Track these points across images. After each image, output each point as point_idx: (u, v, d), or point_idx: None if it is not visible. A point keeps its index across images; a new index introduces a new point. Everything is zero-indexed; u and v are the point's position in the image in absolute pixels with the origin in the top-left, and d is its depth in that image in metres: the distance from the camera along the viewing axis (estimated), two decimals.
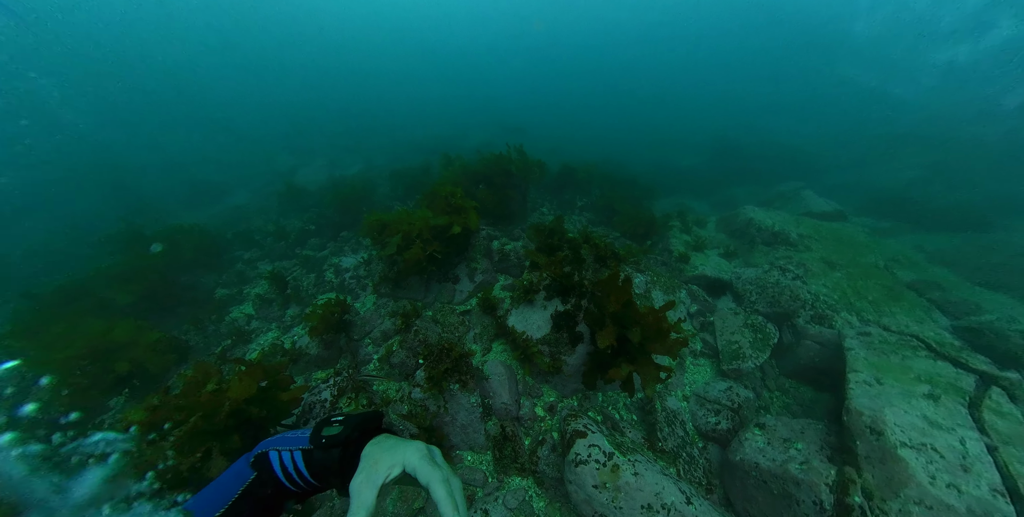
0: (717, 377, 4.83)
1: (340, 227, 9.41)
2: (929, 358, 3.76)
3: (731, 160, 16.37)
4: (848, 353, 3.96)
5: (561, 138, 20.78)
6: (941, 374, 3.56)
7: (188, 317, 6.22)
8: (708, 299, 6.29)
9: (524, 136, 18.42)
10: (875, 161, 14.80)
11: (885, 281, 5.72)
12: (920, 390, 3.35)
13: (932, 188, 11.53)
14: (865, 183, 12.81)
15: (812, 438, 3.31)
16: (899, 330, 4.25)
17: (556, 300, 4.83)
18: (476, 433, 3.68)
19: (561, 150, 17.81)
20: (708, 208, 13.47)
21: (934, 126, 16.57)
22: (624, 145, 20.93)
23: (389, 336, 5.41)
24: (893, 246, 7.44)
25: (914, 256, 7.01)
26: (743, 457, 3.33)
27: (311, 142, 18.76)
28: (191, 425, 2.57)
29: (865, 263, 6.37)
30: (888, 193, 11.30)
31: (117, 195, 13.12)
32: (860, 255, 6.69)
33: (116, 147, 18.88)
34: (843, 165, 14.98)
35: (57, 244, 9.90)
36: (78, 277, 6.30)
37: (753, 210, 8.79)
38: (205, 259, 7.86)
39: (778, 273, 5.80)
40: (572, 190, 12.03)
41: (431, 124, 23.03)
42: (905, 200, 10.36)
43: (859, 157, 15.43)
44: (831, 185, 12.84)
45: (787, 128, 21.20)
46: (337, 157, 16.37)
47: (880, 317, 4.73)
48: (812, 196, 10.15)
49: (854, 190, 12.23)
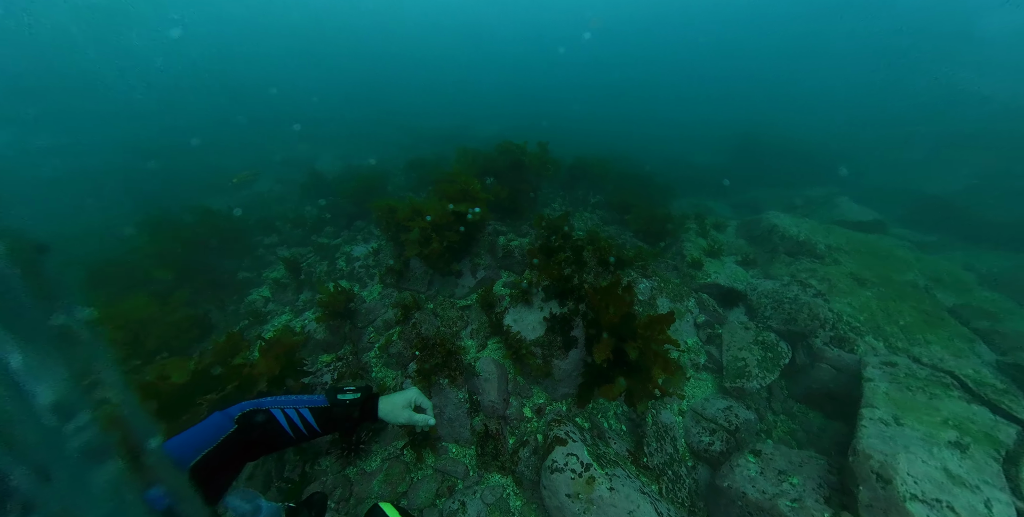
0: (718, 394, 4.62)
1: (354, 217, 9.65)
2: (963, 400, 3.34)
3: (756, 158, 15.25)
4: (866, 384, 3.62)
5: (576, 131, 20.10)
6: (975, 420, 3.15)
7: (211, 297, 6.64)
8: (719, 310, 5.98)
9: (538, 130, 17.99)
10: (924, 164, 13.32)
11: (922, 304, 5.18)
12: (946, 437, 2.98)
13: (990, 198, 10.24)
14: (910, 188, 11.56)
15: (811, 474, 3.08)
16: (931, 363, 3.84)
17: (553, 302, 4.73)
18: (462, 427, 3.74)
19: (576, 143, 17.25)
20: (728, 210, 12.71)
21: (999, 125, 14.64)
22: (642, 140, 20.02)
23: (391, 326, 5.54)
24: (937, 263, 6.71)
25: (962, 276, 6.28)
26: (731, 484, 3.17)
27: (328, 131, 19.19)
28: (226, 394, 2.79)
29: (901, 282, 5.79)
30: (937, 201, 10.16)
31: (147, 180, 14.01)
32: (896, 272, 6.09)
33: (144, 133, 20.00)
34: (885, 166, 13.60)
35: (102, 222, 10.72)
36: (119, 255, 6.82)
37: (777, 216, 8.19)
38: (229, 243, 8.30)
39: (798, 288, 5.40)
40: (585, 186, 11.67)
41: (446, 114, 22.86)
42: (957, 210, 9.30)
43: (905, 158, 13.92)
44: (869, 188, 11.71)
45: (821, 124, 19.43)
46: (353, 146, 16.69)
47: (911, 346, 4.30)
48: (847, 202, 9.31)
49: (896, 196, 11.08)
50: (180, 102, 27.88)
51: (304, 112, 23.87)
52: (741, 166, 15.08)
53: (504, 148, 8.63)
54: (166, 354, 5.22)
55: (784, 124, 17.92)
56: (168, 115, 24.14)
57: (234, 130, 20.88)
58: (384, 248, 7.64)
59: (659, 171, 13.40)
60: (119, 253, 6.98)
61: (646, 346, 3.24)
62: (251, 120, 22.38)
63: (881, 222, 8.48)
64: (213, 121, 23.25)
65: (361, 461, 3.48)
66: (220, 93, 30.85)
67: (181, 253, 7.00)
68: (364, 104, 24.91)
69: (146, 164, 14.87)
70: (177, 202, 12.34)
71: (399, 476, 3.31)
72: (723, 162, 16.39)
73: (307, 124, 20.02)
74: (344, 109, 23.89)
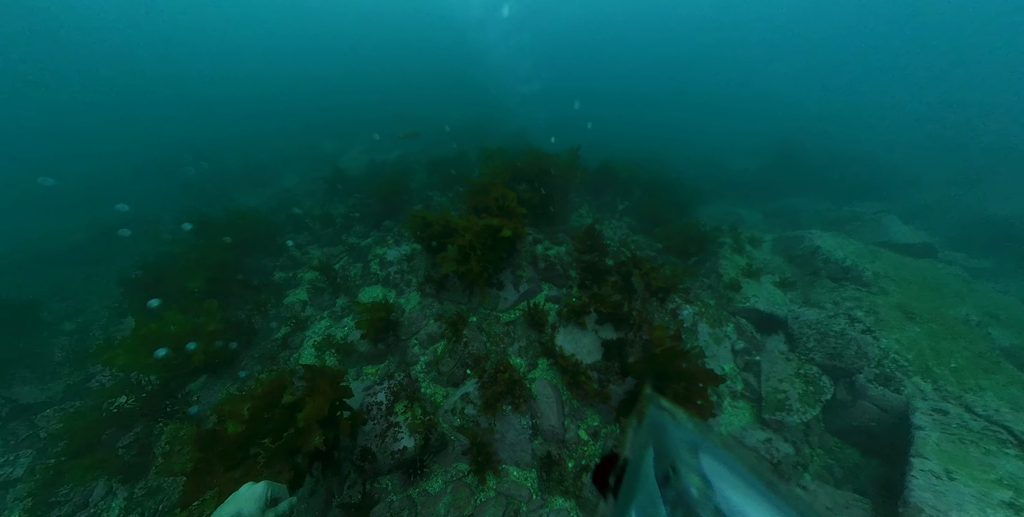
0: (756, 424, 4.73)
1: (382, 216, 9.68)
2: (1020, 458, 3.37)
3: (795, 166, 14.51)
4: (916, 433, 3.66)
5: (607, 132, 19.33)
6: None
7: (251, 299, 6.88)
8: (757, 336, 5.99)
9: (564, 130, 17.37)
10: (979, 181, 12.47)
11: (975, 344, 5.09)
12: (1000, 496, 3.01)
13: None
14: (963, 207, 10.91)
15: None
16: (986, 415, 3.83)
17: (608, 325, 4.79)
18: (523, 452, 3.92)
19: (605, 144, 16.59)
20: (761, 218, 12.32)
21: None
22: (673, 144, 19.17)
23: (435, 339, 5.71)
24: (992, 296, 6.48)
25: (1019, 312, 6.01)
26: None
27: (352, 127, 18.98)
28: (283, 443, 2.95)
29: (952, 317, 5.66)
30: (993, 223, 9.61)
31: (186, 176, 14.29)
32: (948, 306, 5.93)
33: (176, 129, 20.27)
34: (937, 183, 12.79)
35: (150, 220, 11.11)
36: (157, 263, 6.95)
37: (821, 237, 7.92)
38: (264, 243, 8.48)
39: (845, 322, 5.33)
40: (613, 191, 11.40)
41: (471, 108, 22.12)
42: (1015, 234, 8.83)
43: (959, 174, 13.01)
44: (919, 205, 11.12)
45: (869, 134, 18.19)
46: (377, 142, 16.46)
47: (963, 392, 4.28)
48: (895, 222, 8.90)
49: (948, 215, 10.50)
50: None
51: (328, 106, 23.60)
52: (779, 173, 14.39)
53: (534, 155, 8.42)
54: (214, 363, 5.29)
55: (832, 133, 16.77)
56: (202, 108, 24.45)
57: (268, 128, 20.93)
58: (418, 254, 7.72)
59: (691, 175, 12.90)
60: (156, 257, 7.15)
61: (689, 389, 3.34)
62: (284, 119, 22.36)
63: (931, 246, 8.13)
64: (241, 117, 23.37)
65: (423, 481, 3.74)
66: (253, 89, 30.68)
67: (219, 255, 7.13)
68: (396, 101, 24.35)
69: (184, 159, 15.21)
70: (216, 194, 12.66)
71: (465, 499, 3.54)
72: (760, 167, 15.66)
73: (335, 122, 19.84)
74: (374, 106, 23.48)
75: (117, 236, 8.17)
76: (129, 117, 26.26)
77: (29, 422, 5.29)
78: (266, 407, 3.22)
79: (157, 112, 27.15)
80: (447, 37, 46.45)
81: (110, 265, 9.43)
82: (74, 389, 5.96)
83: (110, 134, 22.32)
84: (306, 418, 3.08)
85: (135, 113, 27.40)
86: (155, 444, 4.54)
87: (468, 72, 30.81)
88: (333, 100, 26.41)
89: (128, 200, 7.88)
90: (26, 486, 4.45)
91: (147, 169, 15.45)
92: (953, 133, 17.14)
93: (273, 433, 3.08)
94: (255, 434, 3.10)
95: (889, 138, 17.34)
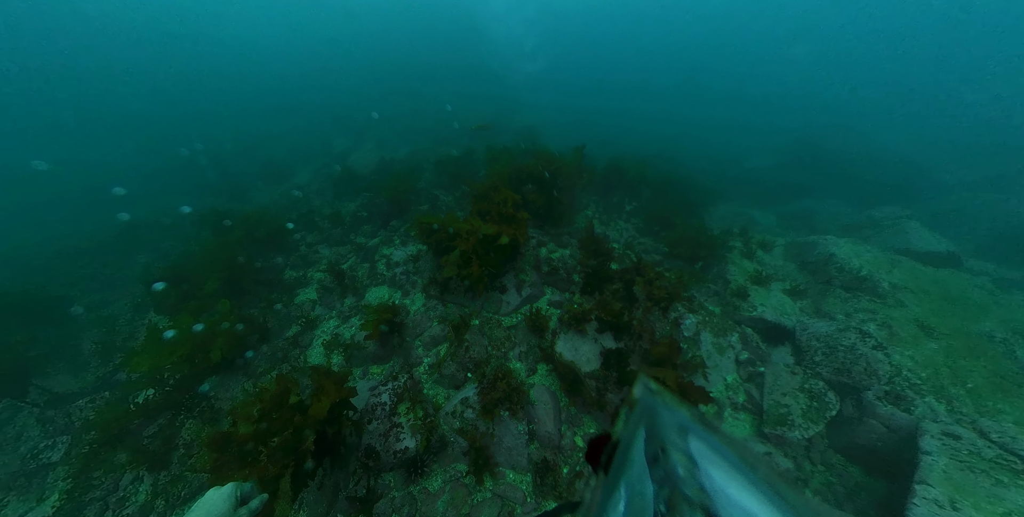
0: (756, 437, 4.69)
1: (389, 216, 9.81)
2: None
3: (813, 166, 13.90)
4: (923, 458, 3.55)
5: (616, 127, 18.91)
6: None
7: (263, 297, 7.14)
8: (762, 347, 5.88)
9: (576, 127, 17.06)
10: (1012, 184, 11.68)
11: (997, 363, 4.86)
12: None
13: None
14: (991, 212, 10.26)
15: None
16: (1000, 442, 3.68)
17: (608, 334, 4.80)
18: (520, 456, 4.02)
19: (615, 141, 16.23)
20: (775, 220, 11.92)
21: None
22: (687, 139, 18.59)
23: (438, 341, 5.83)
24: (1020, 310, 6.13)
25: None
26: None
27: (362, 124, 19.15)
28: (282, 440, 3.11)
29: (974, 333, 5.41)
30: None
31: (204, 173, 14.76)
32: (970, 321, 5.66)
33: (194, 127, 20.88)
34: (968, 185, 12.04)
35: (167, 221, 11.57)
36: (176, 262, 7.30)
37: (836, 243, 7.62)
38: (276, 241, 8.73)
39: (856, 337, 5.17)
40: (621, 191, 11.21)
41: (480, 105, 21.94)
42: None
43: (988, 176, 12.19)
44: (943, 211, 10.52)
45: (892, 133, 17.18)
46: (386, 139, 16.63)
47: (979, 414, 4.12)
48: (917, 229, 8.46)
49: (975, 220, 9.90)
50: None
51: (339, 103, 23.82)
52: (794, 173, 13.85)
53: (539, 156, 8.34)
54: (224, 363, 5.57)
55: (855, 131, 15.92)
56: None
57: (281, 125, 21.37)
58: (423, 255, 7.82)
59: (704, 173, 12.53)
60: (177, 256, 7.45)
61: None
62: (297, 117, 22.77)
63: (955, 255, 7.72)
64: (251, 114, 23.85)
65: (424, 480, 3.89)
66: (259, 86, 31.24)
67: (232, 253, 7.39)
68: (405, 97, 24.41)
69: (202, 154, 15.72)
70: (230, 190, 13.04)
71: (462, 499, 3.68)
72: (775, 166, 15.08)
73: (345, 119, 20.06)
74: (383, 103, 23.62)
75: (134, 226, 8.57)
76: (154, 115, 27.14)
77: (64, 411, 5.69)
78: (274, 408, 3.40)
79: (179, 110, 27.96)
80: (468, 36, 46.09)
81: (134, 259, 9.92)
82: (104, 380, 6.37)
83: (133, 132, 23.15)
84: (313, 415, 3.24)
85: (163, 111, 28.28)
86: (177, 436, 4.86)
87: (484, 64, 30.48)
88: (347, 97, 26.57)
89: (143, 197, 8.23)
90: (64, 469, 4.84)
91: (167, 168, 16.00)
92: (1001, 135, 16.01)
93: (280, 432, 3.26)
94: (265, 434, 3.28)
95: (922, 137, 16.37)
